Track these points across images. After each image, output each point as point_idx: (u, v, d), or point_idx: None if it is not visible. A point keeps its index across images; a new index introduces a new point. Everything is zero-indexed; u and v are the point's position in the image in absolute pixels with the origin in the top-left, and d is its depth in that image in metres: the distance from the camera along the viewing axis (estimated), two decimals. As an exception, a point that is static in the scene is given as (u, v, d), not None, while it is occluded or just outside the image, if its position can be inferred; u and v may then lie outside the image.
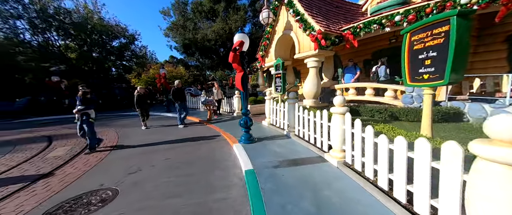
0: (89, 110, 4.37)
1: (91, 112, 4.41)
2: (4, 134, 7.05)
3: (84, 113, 4.27)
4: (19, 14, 12.53)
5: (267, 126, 5.96)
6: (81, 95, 4.29)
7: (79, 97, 4.30)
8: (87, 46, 15.10)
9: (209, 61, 14.25)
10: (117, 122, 8.73)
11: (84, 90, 4.33)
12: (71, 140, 5.62)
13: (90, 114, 4.39)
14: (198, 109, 11.70)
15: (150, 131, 6.40)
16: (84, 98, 4.29)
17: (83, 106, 4.23)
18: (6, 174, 3.29)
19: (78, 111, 4.19)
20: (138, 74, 20.93)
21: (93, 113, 4.45)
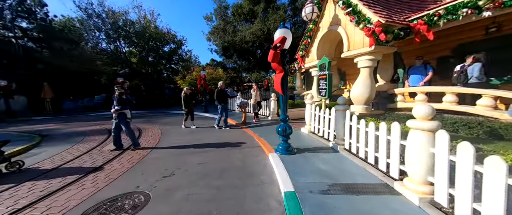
0: (125, 110, 4.50)
1: (127, 112, 4.53)
2: (82, 125, 8.60)
3: (120, 113, 4.43)
4: (99, 27, 15.57)
5: (307, 134, 5.25)
6: (117, 96, 4.41)
7: (115, 98, 4.47)
8: (145, 51, 17.54)
9: (246, 63, 14.34)
10: (162, 119, 9.56)
11: (120, 91, 4.46)
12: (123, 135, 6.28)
13: (126, 114, 4.52)
14: (233, 110, 11.80)
15: (188, 131, 6.59)
16: (120, 99, 4.41)
17: (119, 107, 4.38)
18: (69, 164, 3.73)
19: (115, 111, 4.39)
20: (183, 76, 23.08)
21: (128, 113, 4.58)
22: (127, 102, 4.54)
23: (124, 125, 4.49)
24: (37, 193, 2.65)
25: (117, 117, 4.44)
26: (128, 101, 4.62)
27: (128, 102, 4.61)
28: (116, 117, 4.45)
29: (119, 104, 4.39)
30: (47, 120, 10.82)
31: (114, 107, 4.39)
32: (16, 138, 6.06)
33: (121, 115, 4.44)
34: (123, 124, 4.47)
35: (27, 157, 4.26)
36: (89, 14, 14.76)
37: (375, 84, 5.82)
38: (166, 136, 5.85)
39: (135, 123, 8.46)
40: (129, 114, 4.60)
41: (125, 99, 4.53)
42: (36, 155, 4.42)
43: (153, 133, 6.39)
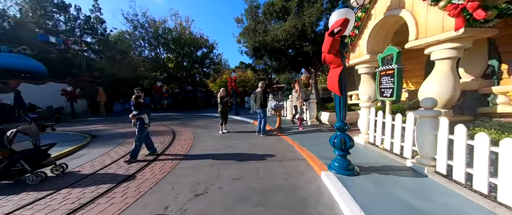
0: (142, 115, 4.05)
1: (144, 117, 4.08)
2: (125, 126, 9.21)
3: (138, 118, 4.02)
4: (143, 37, 17.18)
5: (364, 146, 4.18)
6: (134, 100, 3.99)
7: (132, 102, 4.09)
8: (180, 57, 18.60)
9: (276, 63, 13.60)
10: (195, 122, 9.58)
11: (136, 94, 4.06)
12: (160, 137, 6.28)
13: (144, 119, 4.08)
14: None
15: (222, 136, 6.19)
16: (136, 103, 3.99)
17: (136, 111, 3.97)
18: (106, 169, 3.63)
19: (132, 116, 4.01)
20: (214, 79, 23.76)
21: (146, 118, 4.12)
22: (144, 106, 4.07)
23: (138, 131, 4.03)
24: (68, 205, 2.44)
25: (136, 122, 4.06)
26: (145, 105, 4.13)
27: (145, 106, 4.12)
28: (135, 123, 4.08)
29: (135, 108, 3.99)
30: (100, 121, 12.18)
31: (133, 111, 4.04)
32: (73, 137, 6.67)
33: (138, 120, 4.02)
34: (138, 128, 4.02)
35: (73, 158, 4.43)
36: (135, 26, 16.43)
37: (458, 81, 4.34)
38: (199, 141, 5.54)
39: (170, 125, 8.67)
40: (147, 119, 4.15)
41: (142, 102, 4.07)
42: (81, 157, 4.58)
43: (186, 137, 6.21)
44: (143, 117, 4.06)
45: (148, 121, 4.17)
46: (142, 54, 18.22)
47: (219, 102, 6.46)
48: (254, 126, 7.89)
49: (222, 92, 6.53)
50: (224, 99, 6.45)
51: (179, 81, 19.95)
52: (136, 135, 4.03)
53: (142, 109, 4.02)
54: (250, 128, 7.48)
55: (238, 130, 7.05)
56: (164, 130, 7.42)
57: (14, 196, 2.75)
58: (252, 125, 8.19)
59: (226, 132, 6.54)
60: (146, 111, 4.11)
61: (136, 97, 4.01)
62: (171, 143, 5.44)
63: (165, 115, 13.84)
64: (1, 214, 2.31)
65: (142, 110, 4.01)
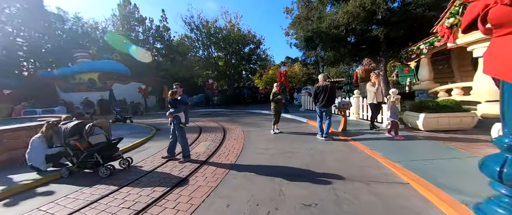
0: (179, 113, 3.68)
1: (181, 115, 3.70)
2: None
3: (175, 116, 3.67)
4: (198, 38, 18.68)
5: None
6: (170, 96, 3.64)
7: (170, 100, 3.68)
8: (229, 55, 19.20)
9: (331, 53, 11.70)
10: (244, 119, 9.30)
11: (172, 90, 3.70)
12: (211, 134, 6.17)
13: (180, 118, 3.70)
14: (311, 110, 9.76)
15: (274, 137, 5.46)
16: (173, 100, 3.64)
17: (172, 109, 3.63)
18: (162, 168, 3.50)
19: (169, 114, 3.67)
20: (260, 75, 23.55)
21: (183, 117, 3.73)
22: (180, 104, 3.69)
23: (177, 131, 3.68)
24: (124, 211, 2.25)
25: (172, 121, 3.73)
26: (182, 102, 3.72)
27: (182, 103, 3.72)
28: (171, 122, 3.75)
29: (171, 106, 3.65)
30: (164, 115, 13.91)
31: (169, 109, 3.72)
32: (143, 129, 7.52)
33: (175, 119, 3.68)
34: (177, 129, 3.68)
35: (139, 151, 4.71)
36: (192, 28, 18.00)
37: None
38: (250, 142, 5.00)
39: (221, 121, 8.68)
40: (184, 118, 3.77)
41: (179, 100, 3.70)
42: (145, 150, 4.84)
43: (236, 135, 5.82)
44: (180, 115, 3.72)
45: (185, 120, 3.81)
46: (197, 54, 19.88)
47: (272, 99, 5.69)
48: (308, 126, 6.81)
49: (276, 87, 5.73)
50: (277, 95, 5.65)
51: (227, 78, 20.81)
52: (178, 137, 3.72)
53: (178, 107, 3.68)
54: (305, 128, 6.43)
55: (292, 130, 6.14)
56: (215, 127, 7.37)
57: (87, 188, 2.86)
58: (306, 124, 7.10)
59: (278, 132, 5.76)
60: (182, 109, 3.75)
61: (172, 93, 3.69)
62: (222, 142, 5.12)
63: (216, 111, 14.49)
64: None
65: (178, 108, 3.68)
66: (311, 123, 7.25)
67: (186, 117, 3.85)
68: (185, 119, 3.83)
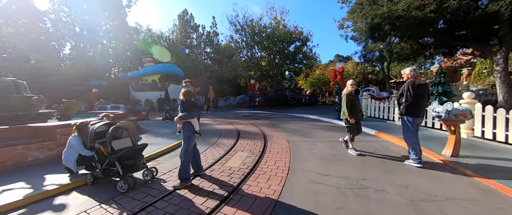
0: (191, 119, 2.78)
1: (194, 122, 2.81)
2: (223, 122, 9.56)
3: (186, 122, 2.78)
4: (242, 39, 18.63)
5: None
6: (182, 96, 2.82)
7: (179, 99, 2.87)
8: (272, 54, 18.25)
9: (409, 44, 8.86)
10: (286, 124, 8.02)
11: (186, 89, 2.83)
12: (248, 141, 5.23)
13: (194, 125, 2.82)
14: (388, 119, 7.36)
15: (336, 157, 3.98)
16: (186, 101, 2.78)
17: (183, 113, 2.77)
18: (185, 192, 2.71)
19: (178, 119, 2.78)
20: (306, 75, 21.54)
21: (196, 125, 2.85)
22: (194, 107, 2.83)
23: (184, 141, 2.80)
24: None
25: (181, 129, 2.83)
26: (196, 104, 2.87)
27: (196, 106, 2.87)
28: (180, 130, 2.85)
29: (184, 108, 2.80)
30: (207, 115, 14.23)
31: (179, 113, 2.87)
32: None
33: (186, 125, 2.80)
34: (184, 139, 2.80)
35: (170, 158, 4.22)
36: (237, 29, 18.08)
37: None
38: (298, 159, 3.73)
39: (261, 125, 7.69)
40: (197, 126, 2.88)
41: (193, 101, 2.84)
42: (175, 157, 4.33)
43: (280, 146, 4.65)
44: (193, 122, 2.82)
45: (198, 128, 2.91)
46: (240, 55, 19.91)
47: (345, 100, 3.78)
48: (381, 141, 4.92)
49: (351, 86, 3.90)
50: (354, 98, 3.83)
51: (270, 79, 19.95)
52: (182, 148, 2.82)
53: (192, 111, 2.80)
54: (377, 144, 4.62)
55: (358, 146, 4.46)
56: (255, 133, 6.44)
57: (98, 207, 2.35)
58: (377, 139, 5.19)
59: (358, 153, 3.88)
60: (196, 114, 2.87)
61: (185, 93, 2.82)
62: (262, 154, 4.07)
63: (256, 113, 13.77)
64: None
65: (192, 112, 2.79)
66: (383, 136, 5.28)
67: (198, 123, 2.98)
68: (198, 126, 2.95)
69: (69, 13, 28.01)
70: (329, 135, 5.67)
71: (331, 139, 5.22)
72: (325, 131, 6.39)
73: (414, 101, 3.12)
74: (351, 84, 3.96)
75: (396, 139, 4.82)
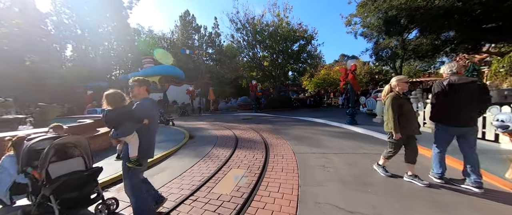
0: (125, 137, 1.84)
1: (131, 143, 1.85)
2: (221, 126, 8.74)
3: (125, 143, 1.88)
4: (243, 38, 17.87)
5: None
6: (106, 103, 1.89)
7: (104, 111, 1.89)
8: (275, 53, 17.41)
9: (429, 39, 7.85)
10: (291, 129, 7.12)
11: (110, 93, 1.92)
12: (247, 152, 4.38)
13: (130, 149, 1.84)
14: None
15: (358, 178, 3.08)
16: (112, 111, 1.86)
17: (115, 131, 1.83)
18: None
19: (116, 140, 1.90)
20: (311, 75, 20.62)
21: (134, 147, 1.85)
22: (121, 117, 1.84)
23: (125, 176, 1.92)
24: None
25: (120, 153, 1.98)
26: (125, 114, 1.86)
27: (126, 116, 1.85)
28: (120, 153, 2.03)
29: (111, 122, 1.86)
30: (207, 117, 13.45)
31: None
32: (175, 136, 6.61)
33: (124, 149, 1.90)
34: (123, 171, 1.92)
35: (153, 174, 3.40)
36: (238, 28, 17.32)
37: None
38: (309, 181, 2.86)
39: (262, 131, 6.67)
40: (136, 151, 1.87)
41: (122, 110, 1.88)
42: (159, 173, 3.51)
43: (285, 161, 3.77)
44: (128, 142, 1.85)
45: (138, 154, 1.88)
46: (241, 54, 19.15)
47: (389, 106, 2.53)
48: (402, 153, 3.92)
49: (402, 83, 2.58)
50: (401, 100, 2.54)
51: (272, 80, 19.11)
52: (125, 184, 1.94)
53: (124, 126, 1.83)
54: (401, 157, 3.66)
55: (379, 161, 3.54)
56: (255, 141, 5.58)
57: None
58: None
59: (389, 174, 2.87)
60: (131, 129, 1.85)
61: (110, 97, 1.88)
62: (262, 174, 3.20)
63: (258, 116, 12.91)
64: None
65: (124, 127, 1.83)
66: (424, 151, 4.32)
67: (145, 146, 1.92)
68: (143, 150, 1.90)
69: (70, 15, 27.92)
70: (344, 145, 4.76)
71: (347, 151, 4.31)
72: (338, 139, 5.47)
73: (441, 104, 2.47)
74: (400, 82, 2.55)
75: (428, 151, 3.87)
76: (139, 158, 1.89)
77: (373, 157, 3.82)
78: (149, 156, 2.04)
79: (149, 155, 2.04)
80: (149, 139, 2.00)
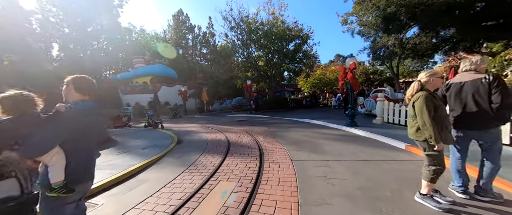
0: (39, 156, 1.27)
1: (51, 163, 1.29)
2: (213, 129, 8.22)
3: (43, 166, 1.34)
4: (238, 37, 17.37)
5: None
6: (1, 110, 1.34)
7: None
8: (271, 53, 16.99)
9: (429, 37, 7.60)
10: (289, 132, 6.67)
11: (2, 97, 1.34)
12: (239, 160, 3.90)
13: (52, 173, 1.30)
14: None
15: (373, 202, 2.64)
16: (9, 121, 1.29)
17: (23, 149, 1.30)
18: None
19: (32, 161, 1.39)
20: (307, 75, 20.33)
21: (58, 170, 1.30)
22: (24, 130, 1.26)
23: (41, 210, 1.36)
24: None
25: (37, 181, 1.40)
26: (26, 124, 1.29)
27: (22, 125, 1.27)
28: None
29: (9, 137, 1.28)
30: (198, 119, 12.88)
31: None
32: (163, 141, 6.05)
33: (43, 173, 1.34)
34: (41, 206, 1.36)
35: (129, 190, 2.87)
36: (232, 26, 16.80)
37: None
38: (311, 202, 2.40)
39: (256, 134, 6.08)
40: (62, 174, 1.31)
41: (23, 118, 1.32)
42: (134, 188, 2.99)
43: (282, 172, 3.31)
44: (52, 166, 1.30)
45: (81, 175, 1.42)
46: (236, 54, 18.65)
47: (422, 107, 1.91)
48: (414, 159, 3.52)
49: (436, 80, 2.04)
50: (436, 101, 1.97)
51: (268, 80, 18.68)
52: None
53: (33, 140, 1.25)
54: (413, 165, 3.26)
55: (390, 171, 3.13)
56: (249, 146, 5.11)
57: None
58: (407, 154, 3.83)
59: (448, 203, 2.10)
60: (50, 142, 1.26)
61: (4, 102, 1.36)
62: (253, 192, 2.71)
63: (253, 117, 12.44)
64: None
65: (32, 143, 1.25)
66: (416, 151, 3.94)
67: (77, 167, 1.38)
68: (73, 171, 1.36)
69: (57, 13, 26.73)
70: (345, 150, 4.34)
71: (350, 157, 3.89)
72: (338, 142, 5.07)
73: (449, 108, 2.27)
74: (433, 77, 2.02)
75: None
76: (68, 183, 1.35)
77: (379, 164, 3.42)
78: (85, 179, 1.49)
79: (86, 177, 1.50)
80: (82, 158, 1.45)
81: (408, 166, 3.33)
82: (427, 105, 1.89)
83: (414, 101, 2.01)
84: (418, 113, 1.94)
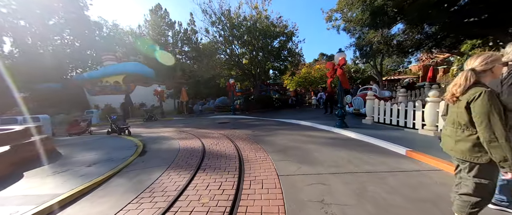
0: None
1: None
2: (189, 134, 7.19)
3: None
4: (220, 33, 16.28)
5: None
6: None
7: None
8: (255, 50, 16.20)
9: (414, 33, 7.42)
10: (275, 136, 5.93)
11: None
12: (213, 176, 3.03)
13: None
14: (407, 127, 5.61)
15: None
16: None
17: None
18: None
19: None
20: (292, 73, 19.93)
21: None
22: None
23: None
24: None
25: None
26: None
27: None
28: None
29: None
30: (176, 122, 11.64)
31: None
32: (124, 151, 4.94)
33: None
34: None
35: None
36: (213, 21, 15.67)
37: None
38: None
39: (238, 139, 5.22)
40: None
41: None
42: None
43: (266, 196, 2.53)
44: None
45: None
46: (218, 51, 17.54)
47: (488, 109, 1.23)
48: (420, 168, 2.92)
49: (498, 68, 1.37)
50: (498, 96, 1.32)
51: (252, 79, 17.91)
52: None
53: None
54: (424, 178, 2.66)
55: (401, 188, 2.50)
56: (227, 154, 4.25)
57: None
58: (412, 162, 3.26)
59: None
60: None
61: None
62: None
63: (237, 118, 11.57)
64: None
65: None
66: (419, 157, 3.41)
67: None
68: None
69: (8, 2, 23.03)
70: (340, 159, 3.70)
71: (347, 167, 3.24)
72: (331, 148, 4.43)
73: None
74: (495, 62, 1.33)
75: (437, 160, 2.97)
76: None
77: (384, 178, 2.79)
78: None
79: None
80: None
81: (419, 178, 2.75)
82: (497, 109, 1.20)
83: (469, 100, 1.30)
84: (482, 120, 1.24)
